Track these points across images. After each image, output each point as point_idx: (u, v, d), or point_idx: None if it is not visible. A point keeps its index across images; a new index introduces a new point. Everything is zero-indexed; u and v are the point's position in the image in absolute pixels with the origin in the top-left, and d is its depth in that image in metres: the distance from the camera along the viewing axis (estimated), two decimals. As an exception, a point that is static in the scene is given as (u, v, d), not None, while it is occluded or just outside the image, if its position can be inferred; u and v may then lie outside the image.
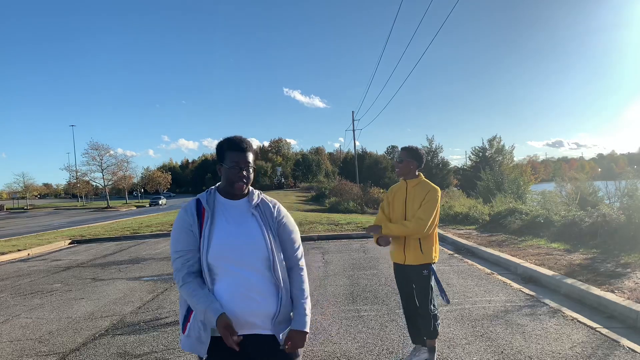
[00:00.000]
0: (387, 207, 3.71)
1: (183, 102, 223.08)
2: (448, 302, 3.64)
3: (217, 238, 1.90)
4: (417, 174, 3.64)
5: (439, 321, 3.64)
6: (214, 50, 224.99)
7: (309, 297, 2.04)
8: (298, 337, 1.93)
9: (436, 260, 3.60)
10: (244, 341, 1.82)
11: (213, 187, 2.08)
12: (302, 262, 2.09)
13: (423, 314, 3.57)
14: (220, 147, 2.01)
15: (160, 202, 63.16)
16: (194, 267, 1.91)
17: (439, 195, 3.57)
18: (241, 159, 1.95)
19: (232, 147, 1.98)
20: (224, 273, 1.89)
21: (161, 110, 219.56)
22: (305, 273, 2.08)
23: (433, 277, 3.55)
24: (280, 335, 1.96)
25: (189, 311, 1.95)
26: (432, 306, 3.55)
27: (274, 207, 2.07)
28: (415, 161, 3.60)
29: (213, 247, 1.88)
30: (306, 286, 2.05)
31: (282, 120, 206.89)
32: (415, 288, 3.61)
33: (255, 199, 2.03)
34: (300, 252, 2.09)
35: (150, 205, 60.28)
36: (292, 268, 2.04)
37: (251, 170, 1.98)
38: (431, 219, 3.47)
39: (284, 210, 2.10)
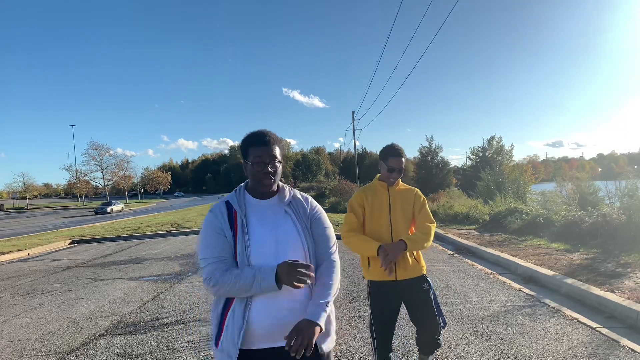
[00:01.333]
0: (360, 212, 2.98)
1: (182, 102, 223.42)
2: (445, 324, 3.00)
3: (255, 244, 1.76)
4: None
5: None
6: (212, 50, 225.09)
7: (332, 293, 1.82)
8: (305, 327, 1.66)
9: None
10: (281, 353, 1.67)
11: (242, 184, 1.94)
12: (335, 257, 1.92)
13: (431, 330, 2.94)
14: (244, 143, 1.87)
15: (111, 208, 48.19)
16: (225, 262, 1.77)
17: None
18: (264, 152, 1.80)
19: (255, 142, 1.83)
20: None
21: (160, 110, 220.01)
22: (337, 268, 1.89)
23: (432, 293, 2.97)
24: (323, 345, 1.81)
25: (221, 322, 1.77)
26: (441, 322, 2.96)
27: (306, 202, 1.93)
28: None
29: (252, 253, 1.75)
30: (334, 281, 1.84)
31: (281, 120, 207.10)
32: (411, 307, 2.98)
33: (287, 196, 1.89)
34: (334, 247, 1.93)
35: (96, 214, 44.83)
36: (323, 261, 1.87)
37: (277, 164, 1.82)
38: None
39: (316, 205, 1.97)
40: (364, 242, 2.86)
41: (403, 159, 2.94)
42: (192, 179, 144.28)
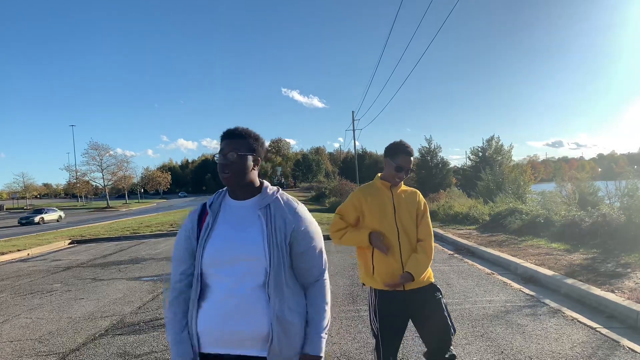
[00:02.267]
0: (353, 216, 2.69)
1: (181, 102, 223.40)
2: (455, 330, 2.66)
3: (212, 244, 1.67)
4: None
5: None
6: (211, 50, 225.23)
7: (327, 317, 1.73)
8: None
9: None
10: None
11: (225, 188, 1.84)
12: (325, 275, 1.79)
13: (444, 343, 2.58)
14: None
15: (41, 218, 37.23)
16: (182, 287, 1.78)
17: None
18: (226, 145, 1.69)
19: (222, 136, 1.74)
20: (216, 284, 1.67)
21: (160, 110, 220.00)
22: (326, 288, 1.77)
23: (444, 302, 2.65)
24: None
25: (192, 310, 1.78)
26: (452, 330, 2.63)
27: (289, 208, 1.74)
28: None
29: (206, 255, 1.67)
30: (327, 305, 1.75)
31: (280, 121, 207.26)
32: (420, 319, 2.62)
33: (267, 198, 1.74)
34: (323, 263, 1.78)
35: (21, 224, 34.27)
36: (311, 284, 1.75)
37: (236, 157, 1.67)
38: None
39: (304, 215, 1.76)
40: (356, 233, 2.66)
41: (412, 158, 2.68)
42: (192, 179, 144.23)
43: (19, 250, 13.04)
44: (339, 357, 3.91)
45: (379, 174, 2.81)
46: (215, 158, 1.72)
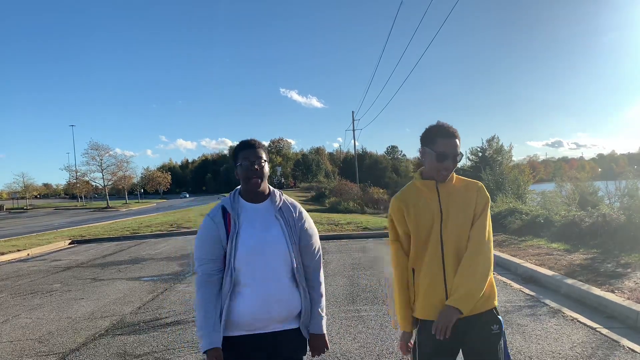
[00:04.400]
0: (402, 228, 2.07)
1: (179, 102, 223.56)
2: None
3: (243, 244, 1.93)
4: None
5: None
6: (209, 51, 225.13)
7: (324, 300, 2.11)
8: (319, 340, 2.07)
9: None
10: (262, 338, 1.95)
11: (237, 188, 2.10)
12: (321, 265, 2.14)
13: None
14: (235, 150, 2.08)
15: None
16: (212, 276, 1.97)
17: None
18: (251, 153, 1.99)
19: (243, 147, 2.04)
20: (250, 278, 1.93)
21: (158, 110, 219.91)
22: (322, 276, 2.14)
23: (503, 339, 2.06)
24: (313, 329, 2.07)
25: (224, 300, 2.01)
26: None
27: (294, 209, 2.08)
28: None
29: (240, 253, 1.92)
30: (323, 289, 2.12)
31: (279, 121, 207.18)
32: (469, 356, 2.03)
33: (278, 201, 2.06)
34: (319, 255, 2.13)
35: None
36: (311, 272, 2.08)
37: (263, 163, 2.00)
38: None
39: (305, 214, 2.12)
40: (398, 306, 2.11)
41: (458, 141, 2.00)
42: (192, 179, 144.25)
43: (18, 250, 13.04)
44: (339, 357, 3.91)
45: (419, 171, 2.14)
46: (239, 164, 2.00)
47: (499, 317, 2.06)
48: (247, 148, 2.02)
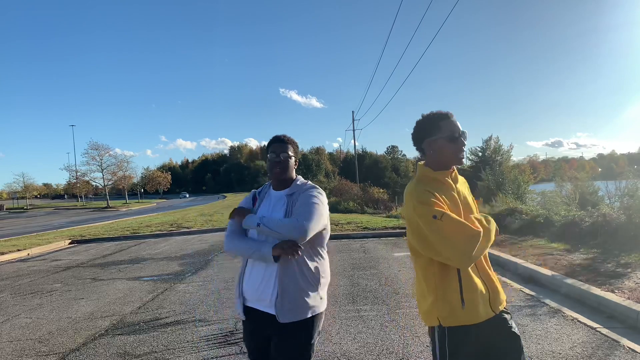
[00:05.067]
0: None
1: (179, 102, 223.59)
2: None
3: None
4: None
5: None
6: (208, 51, 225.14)
7: (268, 227, 2.13)
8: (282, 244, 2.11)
9: None
10: (263, 316, 2.18)
11: (270, 181, 2.42)
12: (300, 224, 2.11)
13: None
14: (268, 145, 2.36)
15: None
16: (237, 229, 2.30)
17: None
18: (278, 147, 2.28)
19: (273, 141, 2.33)
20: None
21: (157, 110, 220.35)
22: (292, 227, 2.10)
23: (521, 341, 1.93)
24: (283, 320, 2.12)
25: (239, 279, 2.31)
26: None
27: (306, 191, 2.26)
28: None
29: (251, 232, 2.25)
30: (279, 225, 2.12)
31: (279, 120, 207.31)
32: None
33: (294, 188, 2.29)
34: (306, 216, 2.15)
35: None
36: (293, 217, 2.20)
37: (287, 157, 2.26)
38: None
39: (311, 193, 2.24)
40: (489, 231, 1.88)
41: (464, 135, 1.92)
42: (192, 178, 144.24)
43: (18, 250, 13.04)
44: (339, 357, 3.91)
45: (420, 163, 1.97)
46: (268, 156, 2.29)
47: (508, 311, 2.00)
48: (277, 142, 2.31)
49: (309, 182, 2.35)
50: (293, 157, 2.29)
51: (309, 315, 2.15)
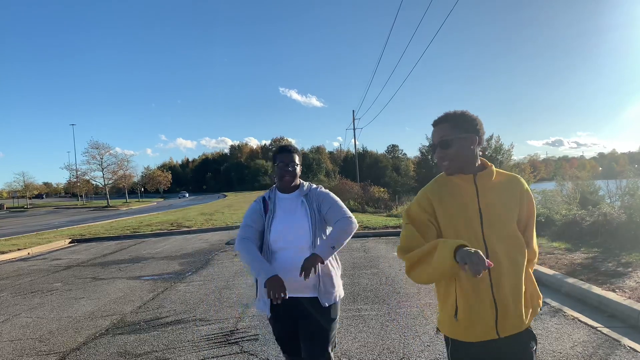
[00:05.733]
0: (426, 226, 1.78)
1: (178, 101, 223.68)
2: None
3: (275, 225, 2.51)
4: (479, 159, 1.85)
5: None
6: (208, 50, 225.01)
7: (341, 237, 2.44)
8: (311, 258, 2.32)
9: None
10: (293, 301, 2.40)
11: (274, 185, 2.67)
12: (349, 214, 2.52)
13: None
14: (274, 153, 2.61)
15: None
16: (251, 237, 2.53)
17: None
18: (286, 158, 2.55)
19: (281, 151, 2.58)
20: (279, 251, 2.49)
21: (157, 109, 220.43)
22: (349, 223, 2.47)
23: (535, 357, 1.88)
24: (325, 302, 2.45)
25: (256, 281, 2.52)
26: None
27: (317, 191, 2.62)
28: (476, 135, 1.81)
29: (272, 232, 2.50)
30: (344, 230, 2.45)
31: (279, 120, 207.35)
32: None
33: (305, 190, 2.60)
34: (345, 210, 2.54)
35: None
36: (337, 220, 2.49)
37: (296, 166, 2.55)
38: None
39: (325, 190, 2.64)
40: (428, 252, 1.69)
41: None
42: (192, 178, 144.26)
43: (19, 250, 13.04)
44: (339, 357, 3.90)
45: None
46: (276, 165, 2.56)
47: (534, 333, 1.90)
48: (285, 152, 2.56)
49: (310, 184, 2.69)
50: (299, 166, 2.58)
51: (338, 299, 2.56)
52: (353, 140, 45.93)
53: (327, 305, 2.47)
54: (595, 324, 4.36)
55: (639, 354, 3.63)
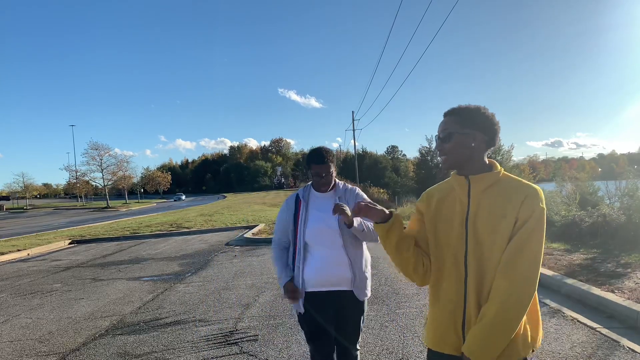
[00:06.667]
0: (419, 224, 1.73)
1: (178, 102, 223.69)
2: None
3: (310, 223, 2.58)
4: (486, 160, 1.69)
5: None
6: (207, 51, 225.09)
7: (368, 232, 2.54)
8: (344, 205, 2.39)
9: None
10: (331, 295, 2.56)
11: (310, 183, 2.74)
12: None
13: None
14: (308, 159, 2.65)
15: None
16: (281, 243, 2.73)
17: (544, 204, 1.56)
18: (321, 170, 2.57)
19: (314, 160, 2.59)
20: (315, 248, 2.58)
21: (157, 110, 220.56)
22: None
23: None
24: (360, 296, 2.60)
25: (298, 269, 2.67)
26: None
27: (352, 191, 2.70)
28: (482, 133, 1.66)
29: (308, 230, 2.58)
30: (372, 233, 2.53)
31: (278, 120, 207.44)
32: None
33: (340, 190, 2.68)
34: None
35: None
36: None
37: (330, 175, 2.60)
38: (540, 265, 1.51)
39: (358, 191, 2.71)
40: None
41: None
42: (191, 178, 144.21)
43: (19, 250, 13.04)
44: (339, 357, 3.90)
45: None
46: (311, 173, 2.62)
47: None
48: (319, 162, 2.56)
49: (345, 183, 2.80)
50: (334, 172, 2.64)
51: (368, 296, 2.69)
52: (352, 141, 45.93)
53: (361, 299, 2.62)
54: (594, 325, 4.36)
55: (638, 355, 3.64)
